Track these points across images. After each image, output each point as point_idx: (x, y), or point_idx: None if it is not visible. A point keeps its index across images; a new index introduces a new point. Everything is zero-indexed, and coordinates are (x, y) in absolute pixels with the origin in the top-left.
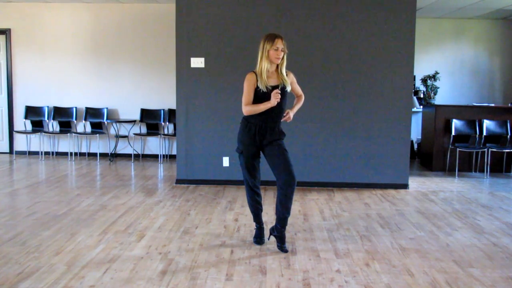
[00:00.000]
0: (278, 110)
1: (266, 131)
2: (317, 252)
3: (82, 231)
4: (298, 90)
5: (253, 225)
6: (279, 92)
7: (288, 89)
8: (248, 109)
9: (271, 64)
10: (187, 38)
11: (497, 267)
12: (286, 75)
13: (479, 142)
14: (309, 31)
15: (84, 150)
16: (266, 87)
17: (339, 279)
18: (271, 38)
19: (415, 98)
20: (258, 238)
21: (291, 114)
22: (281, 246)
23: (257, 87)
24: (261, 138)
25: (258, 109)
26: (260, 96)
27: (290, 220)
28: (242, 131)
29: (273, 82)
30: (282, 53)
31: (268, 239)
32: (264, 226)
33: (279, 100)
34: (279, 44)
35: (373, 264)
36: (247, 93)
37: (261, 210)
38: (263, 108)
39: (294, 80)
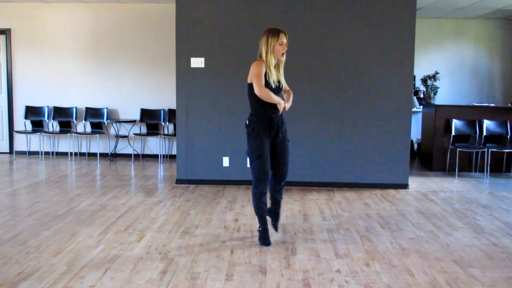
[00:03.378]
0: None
1: (278, 122)
2: (317, 252)
3: (82, 231)
4: (286, 85)
5: (253, 225)
6: (283, 109)
7: (283, 85)
8: (266, 93)
9: (278, 59)
10: (187, 38)
11: (497, 267)
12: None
13: (479, 142)
14: (309, 31)
15: (84, 150)
16: (274, 83)
17: (339, 279)
18: (276, 32)
19: (415, 98)
20: (265, 240)
21: (287, 105)
22: (275, 224)
23: (267, 79)
24: (277, 129)
25: (272, 99)
26: (269, 89)
27: (290, 220)
28: (254, 131)
29: (276, 78)
30: (286, 48)
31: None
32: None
33: (285, 109)
34: (284, 38)
35: (373, 264)
36: (261, 77)
37: (266, 211)
38: (275, 101)
39: None
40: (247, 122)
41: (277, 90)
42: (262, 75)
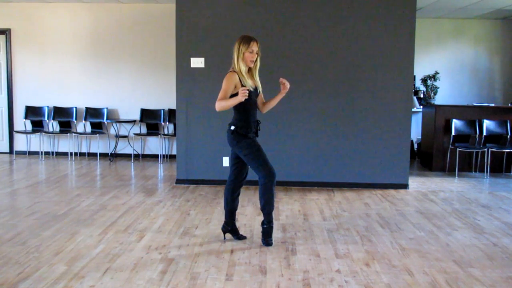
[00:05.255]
0: (256, 108)
1: (257, 123)
2: (317, 252)
3: (82, 231)
4: (263, 97)
5: (253, 225)
6: (248, 89)
7: (260, 90)
8: (220, 104)
9: (248, 66)
10: (187, 38)
11: (497, 267)
12: None
13: (479, 142)
14: (309, 31)
15: (84, 150)
16: (251, 87)
17: (339, 279)
18: (247, 40)
19: (415, 98)
20: (271, 239)
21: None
22: (240, 237)
23: (243, 85)
24: (257, 128)
25: (227, 105)
26: (248, 95)
27: (290, 220)
28: (242, 135)
29: (251, 84)
30: (257, 56)
31: (224, 238)
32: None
33: (246, 96)
34: (254, 47)
35: (373, 264)
36: (227, 91)
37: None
38: (232, 104)
39: None
40: (233, 128)
41: (254, 96)
42: (228, 90)
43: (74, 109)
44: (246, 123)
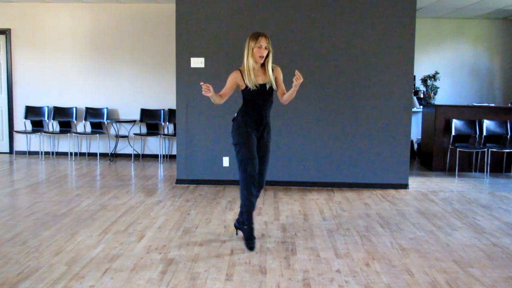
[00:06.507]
0: (269, 103)
1: (266, 122)
2: (317, 252)
3: (82, 231)
4: (284, 88)
5: None
6: (204, 83)
7: (274, 86)
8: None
9: (256, 62)
10: (187, 38)
11: (497, 267)
12: (273, 69)
13: (479, 142)
14: (309, 32)
15: (84, 150)
16: (255, 85)
17: (339, 279)
18: (255, 36)
19: (415, 98)
20: (250, 241)
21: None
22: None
23: (246, 86)
24: (264, 127)
25: (212, 99)
26: (250, 93)
27: (290, 220)
28: (239, 122)
29: (261, 80)
30: (266, 51)
31: (237, 234)
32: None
33: (208, 92)
34: (263, 42)
35: (373, 264)
36: (225, 87)
37: (254, 209)
38: (213, 99)
39: (281, 76)
40: (236, 114)
41: (262, 93)
42: (226, 86)
43: (74, 109)
44: (246, 113)
